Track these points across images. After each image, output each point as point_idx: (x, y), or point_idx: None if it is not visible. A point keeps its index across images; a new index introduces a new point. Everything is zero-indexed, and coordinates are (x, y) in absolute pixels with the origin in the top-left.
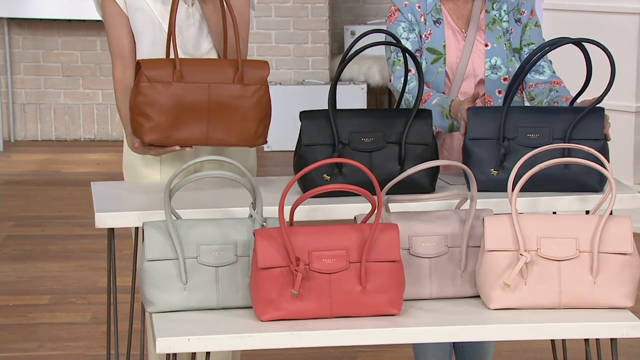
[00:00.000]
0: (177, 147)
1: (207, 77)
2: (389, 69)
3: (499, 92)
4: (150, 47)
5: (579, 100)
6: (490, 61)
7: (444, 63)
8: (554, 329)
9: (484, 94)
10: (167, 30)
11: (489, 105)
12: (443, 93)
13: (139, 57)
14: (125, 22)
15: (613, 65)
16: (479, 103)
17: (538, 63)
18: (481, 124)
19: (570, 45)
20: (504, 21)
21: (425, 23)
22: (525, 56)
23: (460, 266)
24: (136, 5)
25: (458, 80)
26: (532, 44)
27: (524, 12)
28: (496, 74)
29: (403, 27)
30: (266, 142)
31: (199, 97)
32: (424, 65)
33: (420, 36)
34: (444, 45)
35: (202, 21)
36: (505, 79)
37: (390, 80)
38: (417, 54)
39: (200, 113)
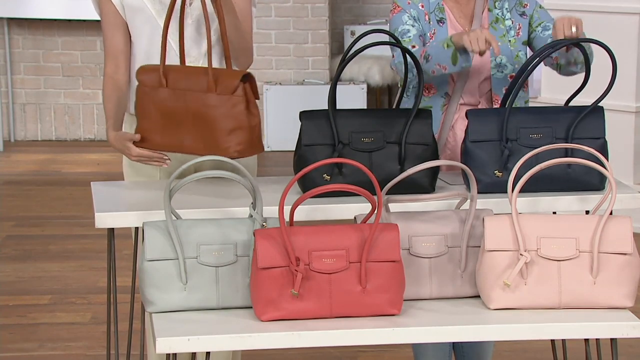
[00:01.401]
0: (155, 163)
1: (185, 84)
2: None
3: (505, 89)
4: (148, 46)
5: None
6: (495, 59)
7: None
8: (554, 329)
9: (489, 90)
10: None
11: (495, 102)
12: (447, 93)
13: (137, 56)
14: (119, 22)
15: (615, 63)
16: (483, 102)
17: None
18: (482, 126)
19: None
20: (507, 19)
21: (430, 22)
22: (539, 34)
23: (460, 266)
24: (134, 5)
25: (463, 79)
26: (542, 22)
27: (526, 4)
28: (502, 72)
29: (408, 16)
30: (241, 156)
31: (179, 104)
32: None
33: (425, 35)
34: None
35: (200, 20)
36: (511, 77)
37: (393, 56)
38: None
39: (178, 120)
